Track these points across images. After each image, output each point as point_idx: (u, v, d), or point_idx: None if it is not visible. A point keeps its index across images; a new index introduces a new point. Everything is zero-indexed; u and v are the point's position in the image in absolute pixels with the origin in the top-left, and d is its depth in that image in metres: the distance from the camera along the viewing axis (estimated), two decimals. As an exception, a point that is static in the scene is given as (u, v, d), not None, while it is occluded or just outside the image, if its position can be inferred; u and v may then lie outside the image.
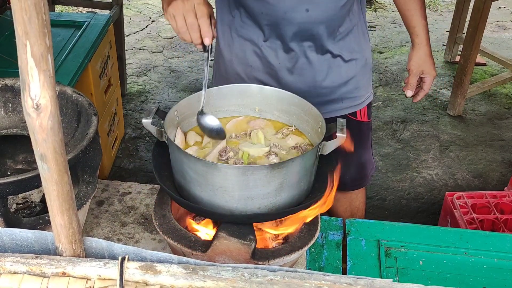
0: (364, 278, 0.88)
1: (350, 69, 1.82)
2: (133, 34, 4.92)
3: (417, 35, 1.80)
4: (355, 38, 1.79)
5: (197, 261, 0.92)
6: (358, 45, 1.82)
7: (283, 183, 1.28)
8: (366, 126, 2.01)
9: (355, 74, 1.84)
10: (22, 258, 0.92)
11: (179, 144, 1.42)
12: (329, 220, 1.80)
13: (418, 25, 1.80)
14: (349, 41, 1.78)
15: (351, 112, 1.91)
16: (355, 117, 1.93)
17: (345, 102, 1.87)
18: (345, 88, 1.84)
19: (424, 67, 1.81)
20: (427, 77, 1.81)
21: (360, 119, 1.95)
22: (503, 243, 1.71)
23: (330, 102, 1.85)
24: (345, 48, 1.78)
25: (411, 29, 1.82)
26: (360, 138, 2.00)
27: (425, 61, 1.80)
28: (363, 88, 1.90)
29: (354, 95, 1.88)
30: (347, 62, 1.81)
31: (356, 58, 1.82)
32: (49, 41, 0.72)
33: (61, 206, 0.87)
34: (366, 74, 1.90)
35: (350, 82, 1.84)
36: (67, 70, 2.40)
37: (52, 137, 0.79)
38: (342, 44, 1.77)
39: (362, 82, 1.89)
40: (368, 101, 1.95)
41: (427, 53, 1.80)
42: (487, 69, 4.49)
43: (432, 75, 1.82)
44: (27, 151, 1.67)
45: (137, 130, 3.60)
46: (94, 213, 1.78)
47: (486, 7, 3.40)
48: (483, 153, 3.50)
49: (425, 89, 1.84)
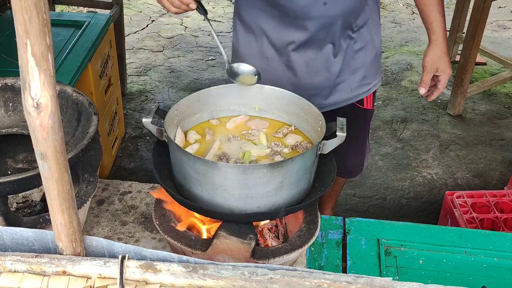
0: (364, 277, 0.88)
1: (363, 60, 1.86)
2: (133, 34, 4.92)
3: (434, 31, 1.77)
4: (369, 30, 1.82)
5: (197, 260, 0.92)
6: (371, 37, 1.85)
7: (283, 182, 1.28)
8: (369, 114, 2.06)
9: (366, 64, 1.87)
10: (22, 257, 0.92)
11: (179, 143, 1.42)
12: (329, 219, 1.80)
13: (435, 21, 1.76)
14: (363, 32, 1.81)
15: (359, 100, 1.96)
16: (361, 105, 1.98)
17: (354, 91, 1.91)
18: (356, 78, 1.88)
19: (439, 64, 1.76)
20: (442, 75, 1.76)
21: (365, 107, 2.00)
22: (502, 242, 1.71)
23: (340, 91, 1.88)
24: (360, 39, 1.81)
25: (428, 25, 1.78)
26: (364, 125, 2.07)
27: (440, 58, 1.76)
28: (371, 76, 1.93)
29: (363, 83, 1.92)
30: (361, 53, 1.84)
31: (369, 49, 1.85)
32: (50, 41, 0.72)
33: (62, 205, 0.87)
34: (376, 63, 1.92)
35: (361, 72, 1.88)
36: (67, 69, 2.40)
37: (52, 136, 0.79)
38: (357, 36, 1.79)
39: (372, 71, 1.92)
40: (375, 88, 1.98)
41: (443, 50, 1.76)
42: (487, 68, 4.49)
43: (448, 74, 1.77)
44: (28, 150, 1.67)
45: (138, 129, 3.60)
46: (94, 212, 1.78)
47: (486, 6, 3.40)
48: (483, 152, 3.50)
49: (440, 88, 1.79)
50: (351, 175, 2.32)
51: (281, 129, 1.53)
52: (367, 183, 3.21)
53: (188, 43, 4.79)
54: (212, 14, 5.38)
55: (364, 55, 1.85)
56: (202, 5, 1.51)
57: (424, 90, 1.78)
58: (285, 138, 1.50)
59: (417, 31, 5.04)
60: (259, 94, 1.56)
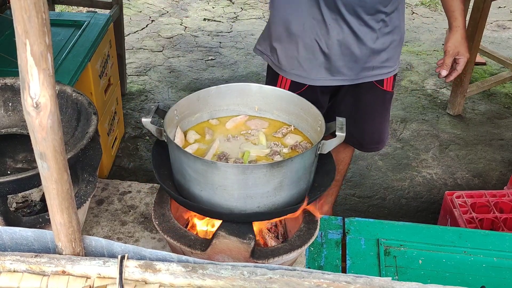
0: (363, 277, 0.88)
1: (390, 42, 1.96)
2: (133, 34, 4.92)
3: (455, 18, 1.94)
4: (398, 15, 1.94)
5: (196, 260, 0.92)
6: (399, 22, 1.96)
7: (283, 182, 1.28)
8: (389, 96, 2.16)
9: (391, 47, 1.98)
10: (22, 256, 0.92)
11: (178, 143, 1.42)
12: (329, 219, 1.80)
13: (457, 9, 1.93)
14: (394, 17, 1.91)
15: (378, 80, 2.04)
16: (381, 85, 2.07)
17: (375, 70, 2.00)
18: (379, 58, 1.97)
19: (460, 48, 1.92)
20: (461, 58, 1.93)
21: (385, 89, 2.09)
22: (502, 242, 1.71)
23: (364, 69, 1.97)
24: (391, 23, 1.91)
25: (450, 12, 1.95)
26: (383, 106, 2.17)
27: (461, 43, 1.93)
28: (393, 59, 2.03)
29: (385, 65, 2.01)
30: (388, 36, 1.94)
31: (396, 33, 1.96)
32: (49, 40, 0.72)
33: (61, 205, 0.87)
34: (398, 48, 2.04)
35: (384, 53, 1.97)
36: (67, 69, 2.39)
37: (51, 136, 0.79)
38: (388, 20, 1.89)
39: (395, 55, 2.03)
40: (394, 72, 2.08)
41: (463, 36, 1.93)
42: (486, 68, 4.49)
43: (466, 57, 1.93)
44: (27, 150, 1.67)
45: (137, 129, 3.60)
46: (94, 212, 1.78)
47: (486, 6, 3.40)
48: (482, 152, 3.50)
49: (458, 69, 1.94)
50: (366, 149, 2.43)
51: (281, 129, 1.53)
52: (367, 183, 3.21)
53: (187, 43, 4.79)
54: (212, 14, 5.38)
55: (391, 39, 1.95)
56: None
57: (446, 72, 1.93)
58: (284, 138, 1.50)
59: (417, 31, 5.04)
60: (259, 94, 1.56)
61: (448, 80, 1.97)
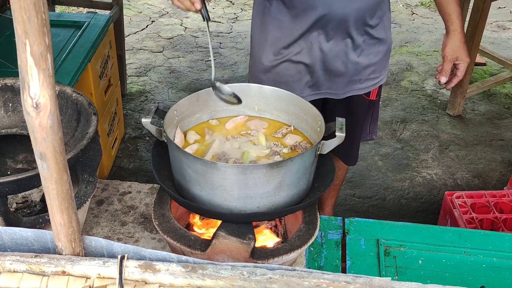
0: (363, 277, 0.89)
1: (375, 54, 1.93)
2: (133, 34, 4.92)
3: (452, 22, 1.83)
4: (383, 26, 1.90)
5: (196, 260, 0.92)
6: (385, 33, 1.92)
7: (282, 182, 1.28)
8: (372, 104, 2.14)
9: (378, 58, 1.95)
10: (21, 257, 0.92)
11: (178, 143, 1.42)
12: (329, 219, 1.80)
13: (453, 12, 1.83)
14: (379, 29, 1.88)
15: (366, 92, 2.03)
16: (368, 96, 2.06)
17: (363, 83, 1.98)
18: (367, 71, 1.95)
19: (458, 53, 1.83)
20: (461, 63, 1.84)
21: (371, 99, 2.08)
22: (502, 242, 1.71)
23: (352, 82, 1.95)
24: (376, 35, 1.89)
25: (447, 16, 1.85)
26: (367, 115, 2.16)
27: (459, 48, 1.83)
28: (379, 70, 2.01)
29: (372, 76, 1.99)
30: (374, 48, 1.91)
31: (382, 44, 1.93)
32: (49, 40, 0.72)
33: (61, 205, 0.87)
34: (385, 58, 2.00)
35: (372, 65, 1.95)
36: (67, 70, 2.40)
37: (51, 136, 0.79)
38: (374, 32, 1.87)
39: (381, 66, 2.00)
40: (381, 82, 2.06)
41: (462, 40, 1.84)
42: (486, 69, 4.49)
43: (466, 62, 1.84)
44: (27, 150, 1.67)
45: (137, 130, 3.60)
46: (94, 212, 1.78)
47: (485, 7, 3.40)
48: (482, 152, 3.50)
49: (459, 75, 1.86)
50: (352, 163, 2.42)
51: (280, 129, 1.53)
52: (367, 183, 3.21)
53: (188, 44, 4.79)
54: (212, 14, 5.38)
55: (377, 50, 1.92)
56: (207, 10, 1.48)
57: (445, 78, 1.85)
58: (284, 138, 1.50)
59: (417, 32, 5.04)
60: (259, 94, 1.56)
61: (448, 87, 1.89)
